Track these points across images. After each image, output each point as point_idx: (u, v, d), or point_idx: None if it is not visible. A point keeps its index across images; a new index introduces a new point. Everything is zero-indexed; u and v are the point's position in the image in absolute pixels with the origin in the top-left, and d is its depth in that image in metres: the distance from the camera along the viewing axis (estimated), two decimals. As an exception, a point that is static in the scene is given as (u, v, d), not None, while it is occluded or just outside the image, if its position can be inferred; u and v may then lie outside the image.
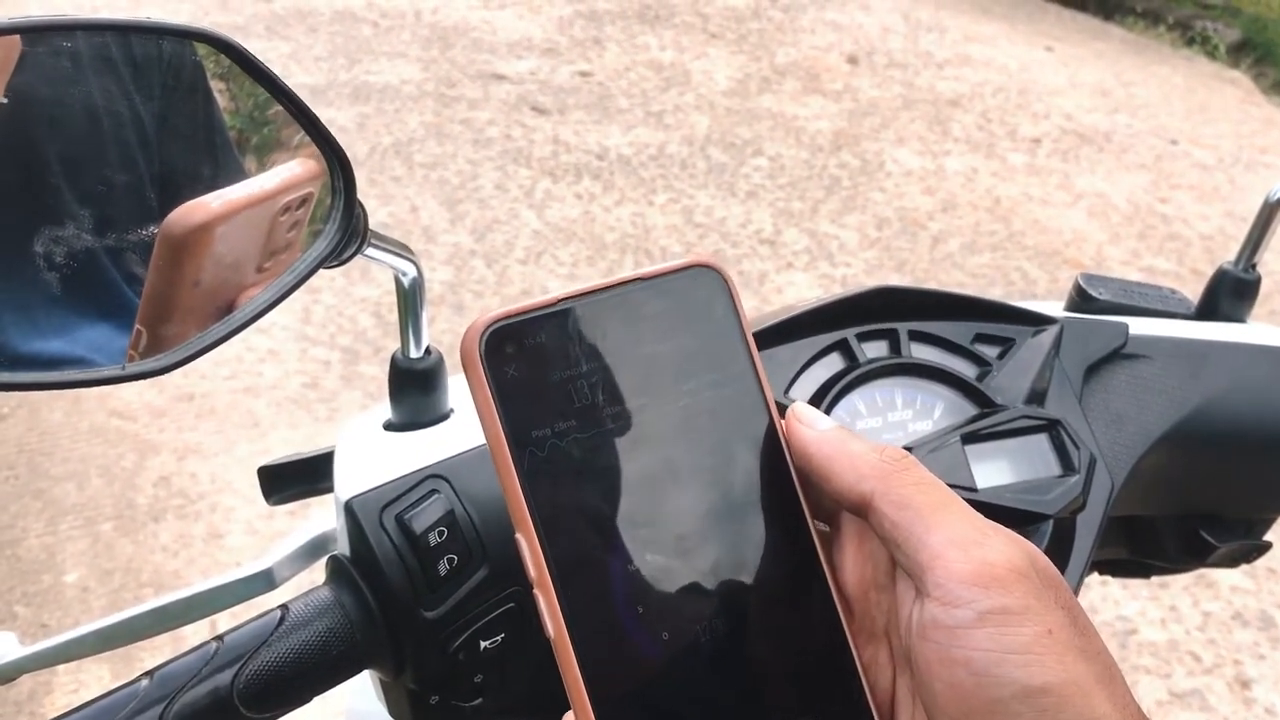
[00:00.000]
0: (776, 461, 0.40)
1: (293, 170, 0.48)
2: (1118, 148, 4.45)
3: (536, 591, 0.36)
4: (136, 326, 0.46)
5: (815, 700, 0.39)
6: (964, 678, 0.35)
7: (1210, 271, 0.78)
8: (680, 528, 0.38)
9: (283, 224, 0.49)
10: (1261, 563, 2.50)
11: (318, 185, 0.48)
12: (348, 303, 3.23)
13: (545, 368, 0.37)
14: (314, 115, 0.45)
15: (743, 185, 3.97)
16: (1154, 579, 2.54)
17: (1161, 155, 4.41)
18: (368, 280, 3.32)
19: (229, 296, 0.48)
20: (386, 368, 0.60)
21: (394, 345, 0.62)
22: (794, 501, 0.40)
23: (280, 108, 0.53)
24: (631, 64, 4.97)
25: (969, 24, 5.71)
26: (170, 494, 2.56)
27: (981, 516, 0.38)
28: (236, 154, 0.53)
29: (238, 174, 0.52)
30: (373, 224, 0.52)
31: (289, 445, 2.69)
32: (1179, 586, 2.43)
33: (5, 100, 0.41)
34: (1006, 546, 0.37)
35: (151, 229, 0.45)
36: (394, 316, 3.01)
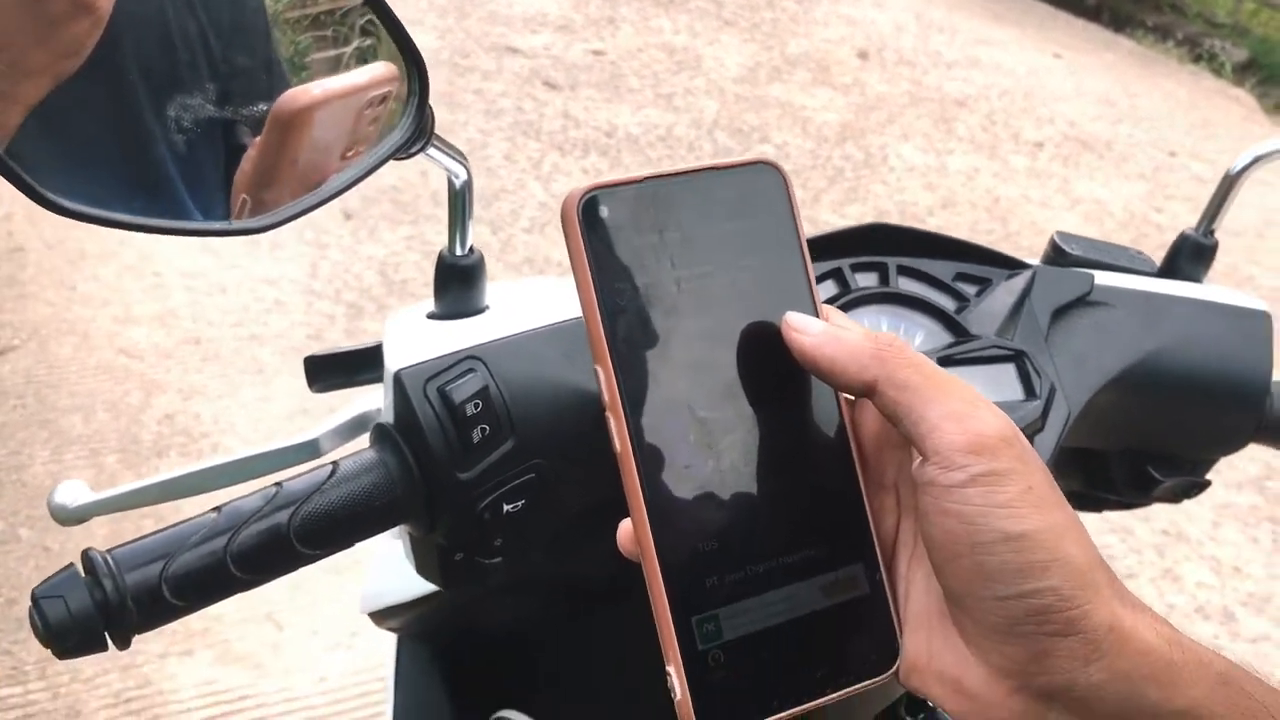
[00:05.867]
0: None
1: (378, 70, 0.55)
2: (1118, 156, 4.52)
3: (608, 414, 0.43)
4: (242, 195, 0.53)
5: (829, 532, 0.46)
6: (956, 526, 0.42)
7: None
8: (728, 376, 0.45)
9: (366, 117, 0.56)
10: (1228, 561, 2.59)
11: (396, 87, 0.56)
12: (354, 260, 3.30)
13: (629, 231, 0.44)
14: (400, 23, 0.52)
15: (748, 170, 4.04)
16: (1121, 571, 2.61)
17: (1160, 166, 4.48)
18: (375, 239, 3.39)
19: (318, 177, 0.55)
20: (388, 324, 0.67)
21: (397, 304, 0.70)
22: None
23: (316, 57, 0.61)
24: (644, 45, 5.03)
25: (980, 27, 5.78)
26: (174, 431, 2.62)
27: (971, 389, 0.45)
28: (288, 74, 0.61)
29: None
30: (384, 183, 0.60)
31: (292, 392, 2.76)
32: (1145, 579, 2.52)
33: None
34: (995, 418, 0.44)
35: (256, 108, 0.52)
36: (399, 276, 3.05)
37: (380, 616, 0.88)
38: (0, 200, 3.24)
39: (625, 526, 0.45)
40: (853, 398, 0.48)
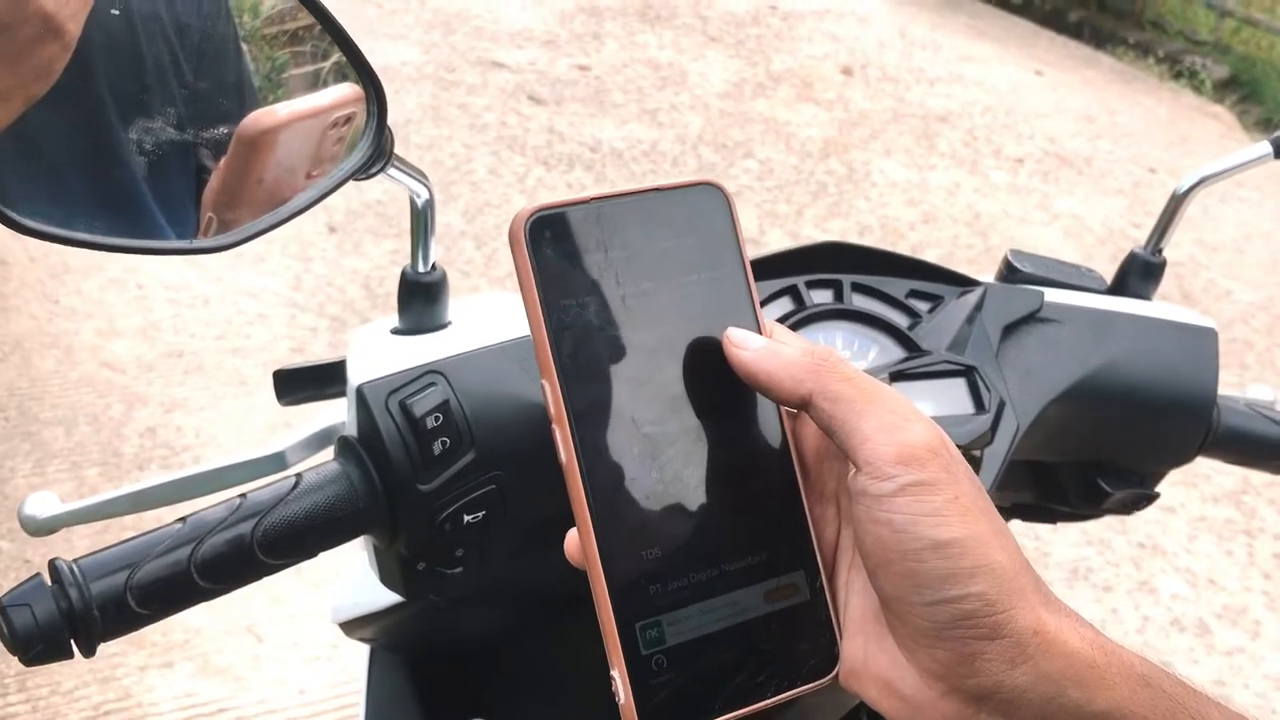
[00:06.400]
0: None
1: (342, 91, 0.57)
2: (1097, 173, 4.56)
3: (554, 426, 0.45)
4: (208, 214, 0.55)
5: (771, 540, 0.48)
6: (887, 534, 0.44)
7: (1177, 298, 0.88)
8: (672, 389, 0.47)
9: (330, 137, 0.58)
10: (1203, 574, 2.61)
11: (361, 108, 0.57)
12: (338, 273, 3.31)
13: (575, 250, 0.46)
14: (356, 48, 0.54)
15: (731, 185, 4.05)
16: (1098, 584, 2.62)
17: (1140, 182, 4.52)
18: (359, 253, 3.40)
19: (283, 196, 0.57)
20: (351, 339, 0.69)
21: (381, 318, 0.72)
22: None
23: (293, 73, 0.63)
24: (630, 61, 5.06)
25: (963, 44, 5.83)
26: (155, 444, 2.63)
27: (904, 400, 0.46)
28: (258, 95, 0.63)
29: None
30: (369, 197, 0.61)
31: (274, 405, 2.76)
32: (1122, 591, 2.54)
33: (116, 12, 0.50)
34: (924, 430, 0.45)
35: (221, 130, 0.54)
36: (383, 290, 3.07)
37: (351, 626, 0.90)
38: (-16, 213, 3.24)
39: (572, 536, 0.46)
40: (794, 410, 0.49)
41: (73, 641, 0.56)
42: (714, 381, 0.47)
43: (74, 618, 0.55)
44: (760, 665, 0.46)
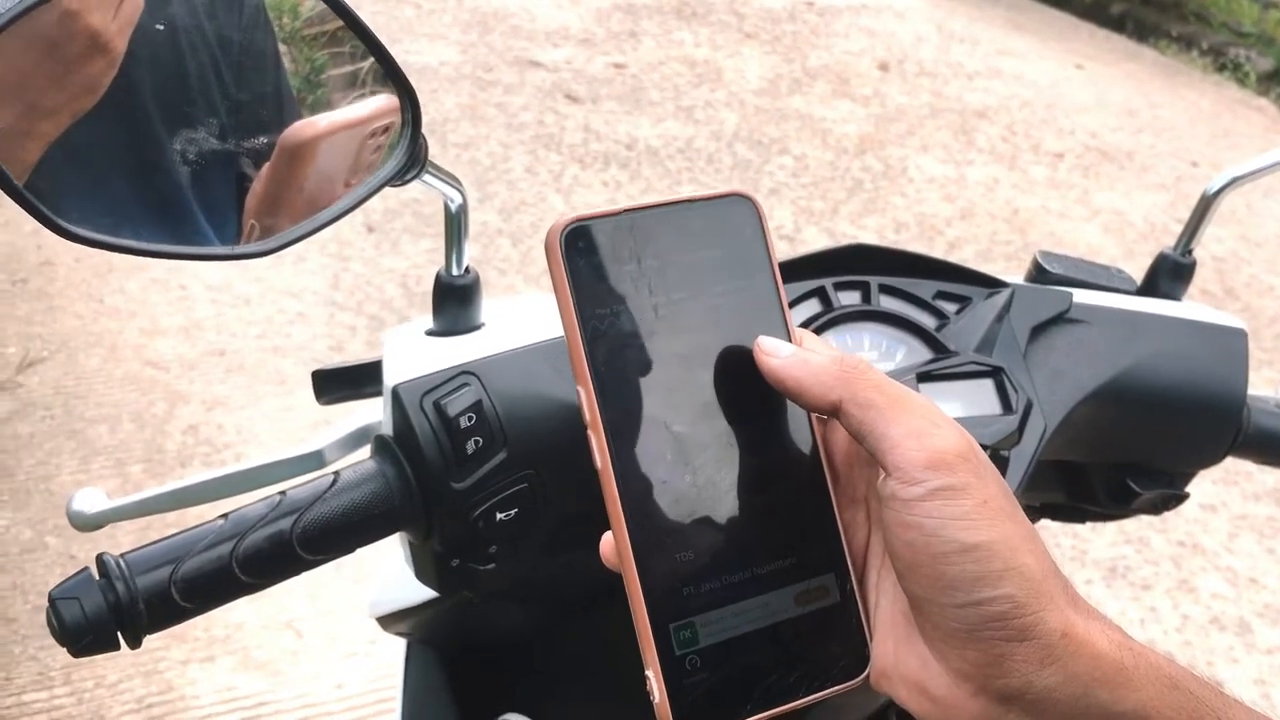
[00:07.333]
0: None
1: (380, 102, 0.59)
2: (1139, 167, 4.52)
3: (589, 432, 0.46)
4: (250, 220, 0.57)
5: (802, 544, 0.49)
6: (916, 537, 0.45)
7: (1219, 293, 0.88)
8: (704, 396, 0.48)
9: (369, 147, 0.60)
10: (1244, 573, 2.59)
11: (398, 118, 0.59)
12: (376, 272, 3.34)
13: (608, 260, 0.47)
14: (391, 57, 0.55)
15: (766, 182, 4.07)
16: (1136, 582, 2.60)
17: (1182, 177, 4.47)
18: (397, 252, 3.44)
19: (322, 203, 0.59)
20: (387, 340, 0.71)
21: (419, 316, 0.73)
22: None
23: (332, 73, 0.64)
24: (665, 58, 5.07)
25: (1002, 38, 5.78)
26: (198, 442, 2.67)
27: (933, 406, 0.47)
28: (296, 104, 0.65)
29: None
30: (407, 195, 0.63)
31: (312, 404, 2.80)
32: (1161, 590, 2.52)
33: (161, 27, 0.52)
34: (953, 435, 0.46)
35: (262, 140, 0.56)
36: (420, 288, 3.11)
37: (388, 621, 0.92)
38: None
39: (607, 538, 0.47)
40: (824, 417, 0.50)
41: (119, 634, 0.58)
42: (745, 388, 0.48)
43: (121, 611, 0.57)
44: (791, 666, 0.47)
